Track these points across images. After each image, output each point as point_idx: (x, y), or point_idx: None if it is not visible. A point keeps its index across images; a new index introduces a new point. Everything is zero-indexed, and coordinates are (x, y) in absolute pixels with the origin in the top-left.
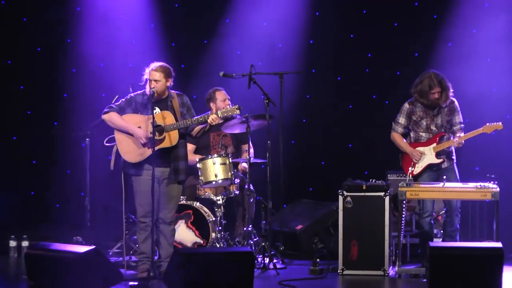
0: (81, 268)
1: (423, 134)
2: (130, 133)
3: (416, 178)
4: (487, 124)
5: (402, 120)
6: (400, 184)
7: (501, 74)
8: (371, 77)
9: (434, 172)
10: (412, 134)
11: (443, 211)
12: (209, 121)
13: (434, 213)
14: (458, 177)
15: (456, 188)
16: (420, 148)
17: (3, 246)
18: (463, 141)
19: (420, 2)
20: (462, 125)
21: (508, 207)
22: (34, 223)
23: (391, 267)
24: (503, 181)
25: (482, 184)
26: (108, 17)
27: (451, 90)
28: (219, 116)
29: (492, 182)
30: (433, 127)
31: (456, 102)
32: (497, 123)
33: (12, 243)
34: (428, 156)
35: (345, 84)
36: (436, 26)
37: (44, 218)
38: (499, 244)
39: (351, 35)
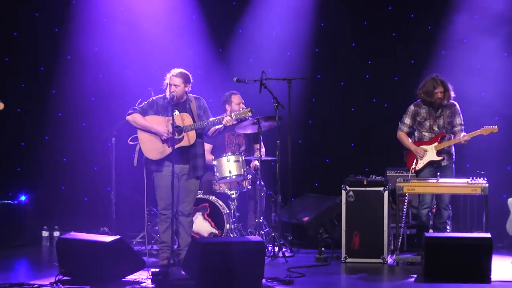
0: (107, 256)
1: (426, 134)
2: (152, 132)
3: (418, 173)
4: (485, 127)
5: (407, 120)
6: (397, 179)
7: (489, 80)
8: (371, 82)
9: (434, 169)
10: (416, 134)
11: (435, 206)
12: (223, 122)
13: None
14: (454, 174)
15: (449, 183)
16: (423, 146)
17: (37, 236)
18: (469, 139)
19: (415, 15)
20: (462, 126)
21: (496, 200)
22: (64, 215)
23: (390, 255)
24: (492, 177)
25: (473, 179)
26: (132, 28)
27: (453, 92)
28: (233, 118)
29: (481, 178)
30: (435, 128)
31: (457, 105)
32: (493, 126)
33: (45, 233)
34: (429, 153)
35: (347, 88)
36: (430, 36)
37: (73, 210)
38: (488, 235)
39: (353, 44)
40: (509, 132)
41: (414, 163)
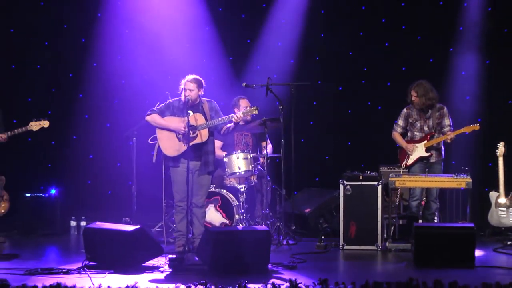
0: (129, 243)
1: (417, 133)
2: (169, 129)
3: (409, 168)
4: (467, 125)
5: (401, 122)
6: (390, 175)
7: (473, 85)
8: (366, 87)
9: (424, 164)
10: (409, 134)
11: (424, 198)
12: (233, 119)
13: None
14: (442, 170)
15: (437, 178)
16: (414, 144)
17: (65, 225)
18: (454, 136)
19: (406, 26)
20: (451, 127)
21: (479, 194)
22: (90, 206)
23: (383, 243)
24: (475, 172)
25: (458, 175)
26: (151, 38)
27: (432, 94)
28: (242, 115)
29: (466, 173)
30: (425, 128)
31: (445, 108)
32: (475, 124)
33: (73, 223)
34: (419, 150)
35: (345, 93)
36: (420, 46)
37: (98, 202)
38: (472, 225)
39: (350, 53)
40: (491, 132)
41: (405, 159)
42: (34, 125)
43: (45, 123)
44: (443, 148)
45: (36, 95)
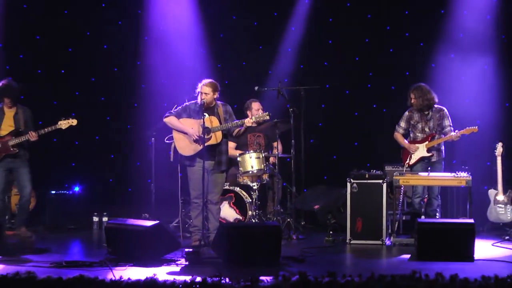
0: (148, 238)
1: (419, 134)
2: (185, 132)
3: (412, 167)
4: (467, 127)
5: (403, 124)
6: (394, 173)
7: (472, 89)
8: (372, 91)
9: (425, 164)
10: (411, 135)
11: (426, 196)
12: (245, 123)
13: (424, 196)
14: (443, 169)
15: (438, 177)
16: (416, 144)
17: (88, 221)
18: (460, 135)
19: (410, 33)
20: (451, 127)
21: (478, 191)
22: (112, 203)
23: (388, 238)
24: (474, 171)
25: (458, 173)
26: (168, 44)
27: (429, 96)
28: (253, 120)
29: (466, 172)
30: (426, 129)
31: (445, 110)
32: (474, 127)
33: (95, 219)
34: (421, 150)
35: (352, 96)
36: (422, 52)
37: (119, 199)
38: (471, 220)
39: (357, 58)
40: (489, 133)
41: (408, 159)
42: (63, 124)
43: (74, 121)
44: (443, 148)
45: (61, 98)
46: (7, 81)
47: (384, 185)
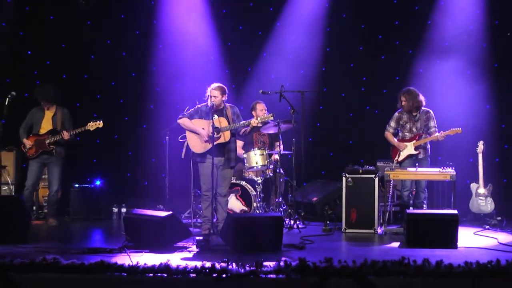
0: (162, 227)
1: (407, 134)
2: (196, 133)
3: (400, 163)
4: (451, 129)
5: (393, 124)
6: (385, 169)
7: (456, 92)
8: (365, 94)
9: (413, 160)
10: (400, 134)
11: (414, 189)
12: (252, 123)
13: (412, 189)
14: (429, 165)
15: (426, 172)
16: (405, 143)
17: (108, 211)
18: (445, 136)
19: (400, 42)
20: (436, 128)
21: (461, 185)
22: (130, 195)
23: (379, 227)
24: (458, 167)
25: (444, 169)
26: (181, 51)
27: (418, 99)
28: (259, 121)
29: (450, 167)
30: (414, 129)
31: (431, 112)
32: (458, 128)
33: (114, 210)
34: (409, 148)
35: (347, 99)
36: (412, 58)
37: (136, 192)
38: (455, 211)
39: (351, 64)
40: (471, 133)
41: (397, 156)
42: (91, 125)
43: (100, 124)
44: (429, 146)
45: (84, 100)
46: (40, 88)
47: (376, 180)
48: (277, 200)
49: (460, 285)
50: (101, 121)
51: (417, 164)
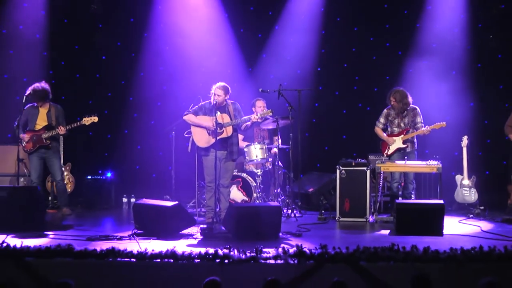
0: (169, 216)
1: (396, 129)
2: (201, 126)
3: (389, 157)
4: (437, 123)
5: (382, 120)
6: (376, 162)
7: (442, 91)
8: (358, 92)
9: (401, 154)
10: (389, 129)
11: (403, 180)
12: (252, 118)
13: (401, 181)
14: (416, 158)
15: (414, 164)
16: (393, 138)
17: (118, 201)
18: (430, 130)
19: (390, 44)
20: (422, 124)
21: (447, 177)
22: (138, 186)
23: (371, 216)
24: (444, 160)
25: (430, 162)
26: (186, 52)
27: (407, 100)
28: (258, 117)
29: (437, 160)
30: (402, 124)
31: (418, 109)
32: (442, 122)
33: (124, 200)
34: (397, 142)
35: (341, 97)
36: (400, 59)
37: (145, 183)
38: (441, 201)
39: (345, 65)
40: (456, 128)
41: (386, 150)
42: (86, 120)
43: (95, 118)
44: (416, 140)
45: (96, 98)
46: (32, 90)
47: (368, 172)
48: (275, 191)
49: (446, 269)
50: (96, 116)
51: (406, 157)
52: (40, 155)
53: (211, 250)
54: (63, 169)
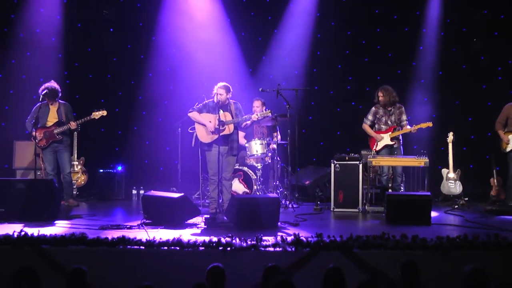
0: (175, 206)
1: (383, 126)
2: (204, 125)
3: (378, 152)
4: (422, 123)
5: (370, 117)
6: (368, 156)
7: (430, 90)
8: (351, 92)
9: (388, 149)
10: (376, 126)
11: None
12: (252, 118)
13: (389, 174)
14: (402, 152)
15: (403, 159)
16: (381, 134)
17: (128, 193)
18: (417, 129)
19: (381, 46)
20: (407, 121)
21: (434, 170)
22: (147, 179)
23: (363, 206)
24: (431, 154)
25: (418, 156)
26: (192, 54)
27: (394, 94)
28: (258, 116)
29: (424, 155)
30: (389, 122)
31: (403, 108)
32: (429, 122)
33: (134, 191)
34: (385, 139)
35: (335, 96)
36: (390, 61)
37: (153, 176)
38: (428, 193)
39: (339, 66)
40: (443, 125)
41: (375, 146)
42: (96, 114)
43: (104, 112)
44: (401, 137)
45: (107, 97)
46: (46, 89)
47: (360, 165)
48: (274, 183)
49: (433, 256)
50: (105, 110)
51: (395, 152)
52: (53, 149)
53: (215, 239)
54: (72, 163)
